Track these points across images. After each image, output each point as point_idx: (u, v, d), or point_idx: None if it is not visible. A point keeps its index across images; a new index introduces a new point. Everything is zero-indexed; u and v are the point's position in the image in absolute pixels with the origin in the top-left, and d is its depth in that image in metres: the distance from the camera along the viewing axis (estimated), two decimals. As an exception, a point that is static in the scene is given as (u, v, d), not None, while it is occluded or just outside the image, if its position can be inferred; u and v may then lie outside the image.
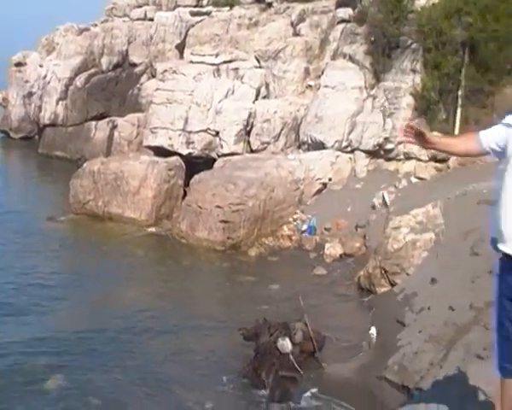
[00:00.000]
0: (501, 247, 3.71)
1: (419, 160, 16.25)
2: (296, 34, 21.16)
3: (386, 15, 18.11)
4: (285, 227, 15.50)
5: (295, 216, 15.85)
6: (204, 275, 13.71)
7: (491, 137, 3.81)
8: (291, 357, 9.00)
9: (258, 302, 11.55)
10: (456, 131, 16.40)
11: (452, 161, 15.57)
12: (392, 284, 11.04)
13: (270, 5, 23.35)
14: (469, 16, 16.64)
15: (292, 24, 21.60)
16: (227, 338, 10.23)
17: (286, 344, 9.06)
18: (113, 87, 25.97)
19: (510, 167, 3.64)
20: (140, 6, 27.68)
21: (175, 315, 11.27)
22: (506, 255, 3.71)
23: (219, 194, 14.93)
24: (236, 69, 19.34)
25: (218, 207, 14.73)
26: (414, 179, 15.76)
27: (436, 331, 8.37)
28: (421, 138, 3.91)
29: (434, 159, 15.94)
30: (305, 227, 15.32)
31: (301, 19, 21.60)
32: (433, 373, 7.40)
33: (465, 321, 8.07)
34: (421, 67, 17.69)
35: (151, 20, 26.39)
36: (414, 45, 17.92)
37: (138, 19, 27.16)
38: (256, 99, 18.98)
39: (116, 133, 22.28)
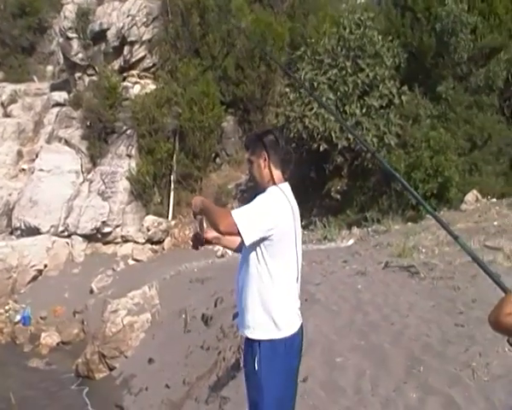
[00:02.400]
0: None
1: (136, 242, 16.63)
2: (7, 115, 20.35)
3: (102, 101, 18.52)
4: (-4, 319, 14.36)
5: (7, 307, 14.81)
6: None
7: None
8: None
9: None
10: (170, 214, 17.22)
11: (167, 242, 16.29)
12: (111, 369, 10.93)
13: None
14: (178, 106, 17.86)
15: (2, 104, 20.77)
16: None
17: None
18: None
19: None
20: None
21: None
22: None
23: None
24: None
25: None
26: (131, 262, 16.01)
27: (153, 411, 8.50)
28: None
29: (151, 241, 16.48)
30: (18, 318, 14.39)
31: (13, 100, 20.92)
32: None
33: (179, 397, 8.35)
34: (136, 152, 18.28)
35: None
36: (129, 131, 18.52)
37: None
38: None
39: None
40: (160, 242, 16.46)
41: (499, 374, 5.24)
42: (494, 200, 12.96)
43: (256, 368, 3.54)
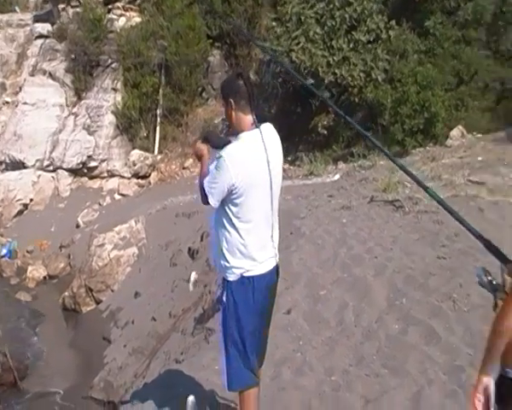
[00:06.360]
0: None
1: (122, 177, 16.54)
2: (-11, 47, 19.80)
3: (87, 34, 18.07)
4: (-20, 254, 14.38)
5: (-7, 240, 14.82)
6: None
7: None
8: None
9: None
10: (156, 148, 17.11)
11: (153, 177, 16.23)
12: (98, 302, 11.06)
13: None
14: (164, 40, 17.49)
15: (-17, 35, 20.17)
16: None
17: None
18: None
19: None
20: None
21: None
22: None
23: None
24: None
25: None
26: (118, 196, 15.97)
27: (140, 343, 8.65)
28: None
29: (137, 175, 16.41)
30: (4, 251, 14.39)
31: (-5, 31, 20.30)
32: (136, 384, 7.61)
33: (165, 329, 8.50)
34: (121, 86, 17.98)
35: None
36: (114, 65, 18.14)
37: None
38: None
39: None
40: (146, 176, 16.38)
41: (478, 304, 5.36)
42: (479, 135, 12.97)
43: (224, 302, 3.75)
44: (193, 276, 9.21)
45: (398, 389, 4.65)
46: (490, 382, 2.60)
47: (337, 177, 12.26)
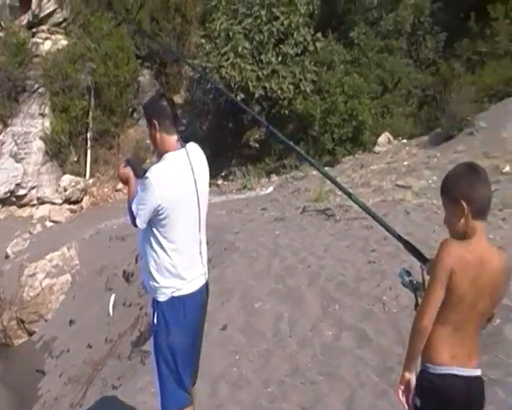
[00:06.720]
0: None
1: (53, 203, 16.12)
2: None
3: (10, 58, 17.62)
4: None
5: None
6: None
7: None
8: None
9: None
10: (88, 172, 16.79)
11: (85, 201, 15.91)
12: (31, 334, 10.69)
13: None
14: (92, 62, 17.27)
15: None
16: None
17: None
18: None
19: None
20: None
21: None
22: None
23: None
24: None
25: None
26: (49, 223, 15.54)
27: (76, 372, 8.40)
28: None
29: (68, 201, 16.05)
30: None
31: None
32: (72, 414, 7.39)
33: (102, 355, 8.29)
34: (49, 110, 17.60)
35: None
36: (41, 89, 17.74)
37: None
38: None
39: None
40: (78, 201, 16.04)
41: (406, 304, 5.45)
42: (404, 141, 13.34)
43: (155, 323, 3.73)
44: (112, 299, 9.11)
45: (332, 394, 4.67)
46: (412, 377, 2.70)
47: (270, 189, 12.33)
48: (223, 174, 14.46)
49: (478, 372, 2.66)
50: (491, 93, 13.13)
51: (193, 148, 3.75)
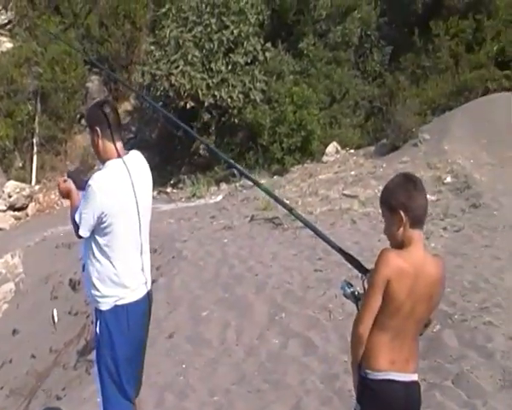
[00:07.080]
0: None
1: (-3, 210, 15.74)
2: None
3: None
4: None
5: None
6: None
7: None
8: None
9: None
10: (34, 178, 16.46)
11: (31, 208, 15.56)
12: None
13: None
14: (39, 66, 16.97)
15: None
16: None
17: None
18: None
19: None
20: None
21: None
22: None
23: None
24: None
25: None
26: (-6, 231, 15.13)
27: (18, 384, 8.18)
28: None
29: (13, 208, 15.65)
30: None
31: None
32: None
33: (46, 366, 8.11)
34: (-7, 115, 17.20)
35: None
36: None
37: None
38: None
39: None
40: (23, 208, 15.64)
41: (352, 312, 5.52)
42: (352, 151, 13.62)
43: (98, 333, 3.71)
44: (55, 314, 9.01)
45: (278, 402, 4.72)
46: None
47: (220, 198, 12.37)
48: (172, 182, 14.41)
49: (415, 377, 2.75)
50: (433, 106, 13.59)
51: (135, 156, 3.75)
